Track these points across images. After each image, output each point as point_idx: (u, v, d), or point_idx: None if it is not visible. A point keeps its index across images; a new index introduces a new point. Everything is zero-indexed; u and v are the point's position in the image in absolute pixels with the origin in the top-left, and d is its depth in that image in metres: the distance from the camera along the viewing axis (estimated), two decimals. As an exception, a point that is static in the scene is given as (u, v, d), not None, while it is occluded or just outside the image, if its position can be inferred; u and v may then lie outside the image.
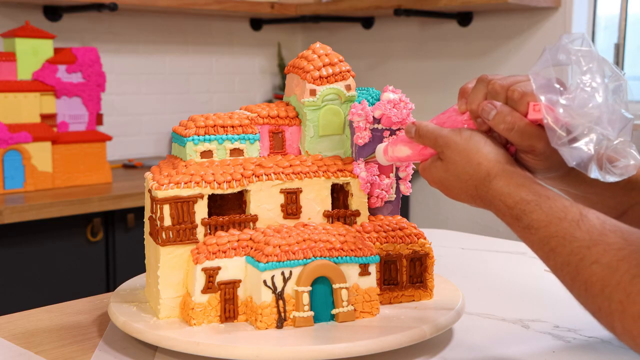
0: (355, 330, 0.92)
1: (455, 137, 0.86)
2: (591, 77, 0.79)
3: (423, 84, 3.26)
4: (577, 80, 0.79)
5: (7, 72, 2.24)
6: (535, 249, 0.78)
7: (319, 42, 1.08)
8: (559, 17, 2.85)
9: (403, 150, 0.94)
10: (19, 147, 2.23)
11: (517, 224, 0.79)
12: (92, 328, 1.01)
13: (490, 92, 0.85)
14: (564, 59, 0.80)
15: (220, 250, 0.94)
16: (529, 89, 0.82)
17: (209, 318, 0.93)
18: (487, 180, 0.82)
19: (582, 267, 0.72)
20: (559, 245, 0.74)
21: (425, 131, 0.89)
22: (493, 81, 0.85)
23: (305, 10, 3.29)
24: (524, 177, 0.81)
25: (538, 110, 0.80)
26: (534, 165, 0.85)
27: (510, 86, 0.83)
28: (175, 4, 2.88)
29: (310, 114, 1.04)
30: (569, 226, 0.74)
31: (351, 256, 0.95)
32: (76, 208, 2.18)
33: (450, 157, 0.86)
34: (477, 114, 0.86)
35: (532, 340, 0.98)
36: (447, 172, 0.87)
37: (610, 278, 0.69)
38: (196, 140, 0.99)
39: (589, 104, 0.77)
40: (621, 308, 0.68)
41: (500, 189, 0.81)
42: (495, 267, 1.37)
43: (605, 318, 0.70)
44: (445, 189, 0.89)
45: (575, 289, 0.73)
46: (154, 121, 3.20)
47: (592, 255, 0.71)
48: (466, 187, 0.85)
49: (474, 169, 0.84)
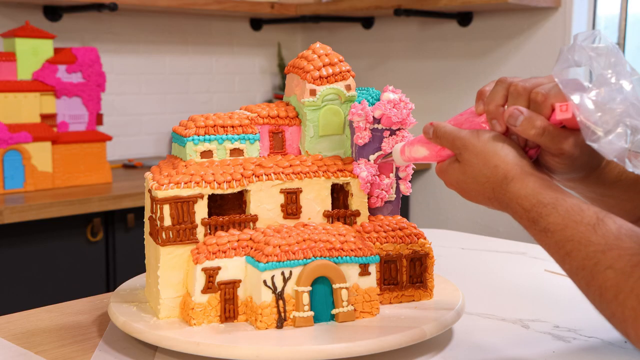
0: (355, 330, 0.92)
1: (473, 139, 0.85)
2: (614, 70, 0.78)
3: (423, 84, 3.26)
4: (602, 75, 0.78)
5: (7, 72, 2.24)
6: (551, 252, 0.77)
7: (319, 42, 1.08)
8: (559, 17, 2.85)
9: (420, 150, 0.94)
10: (19, 147, 2.23)
11: (533, 227, 0.79)
12: (92, 328, 1.01)
13: (512, 94, 0.84)
14: (582, 57, 0.80)
15: (220, 250, 0.94)
16: (551, 90, 0.81)
17: (209, 318, 0.93)
18: (505, 182, 0.82)
19: (596, 271, 0.71)
20: (575, 249, 0.74)
21: (442, 132, 0.88)
22: (514, 84, 0.84)
23: (305, 10, 3.29)
24: (541, 180, 0.81)
25: (566, 110, 0.79)
26: (559, 167, 0.85)
27: (533, 88, 0.83)
28: (175, 4, 2.88)
29: (310, 114, 1.04)
30: (585, 230, 0.74)
31: (351, 256, 0.95)
32: (76, 208, 2.18)
33: (467, 159, 0.85)
34: (494, 116, 0.86)
35: (532, 340, 0.98)
36: (464, 174, 0.86)
37: (624, 284, 0.68)
38: (196, 140, 0.99)
39: (616, 97, 0.77)
40: (634, 315, 0.67)
41: (518, 191, 0.81)
42: (495, 267, 1.37)
43: (619, 324, 0.70)
44: (462, 191, 0.88)
45: (591, 294, 0.72)
46: (154, 121, 3.20)
47: (606, 260, 0.70)
48: (483, 190, 0.85)
49: (492, 172, 0.83)
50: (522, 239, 1.54)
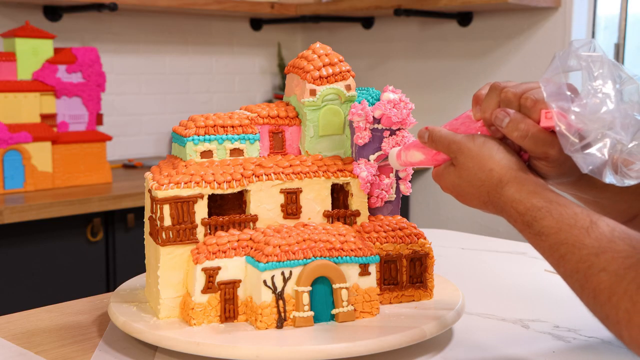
0: (355, 330, 0.92)
1: (468, 143, 0.86)
2: (602, 82, 0.78)
3: (423, 84, 3.26)
4: (588, 86, 0.79)
5: (7, 72, 2.24)
6: (546, 255, 0.78)
7: (319, 42, 1.08)
8: (559, 17, 2.85)
9: (416, 155, 0.94)
10: (19, 147, 2.23)
11: (528, 231, 0.79)
12: (92, 328, 1.01)
13: (503, 100, 0.85)
14: (575, 64, 0.80)
15: (220, 250, 0.94)
16: (541, 96, 0.81)
17: (209, 318, 0.93)
18: (499, 186, 0.82)
19: (590, 274, 0.71)
20: (569, 252, 0.74)
21: (438, 137, 0.89)
22: (506, 89, 0.85)
23: (305, 10, 3.29)
24: (535, 184, 0.81)
25: (550, 117, 0.80)
26: (547, 171, 0.85)
27: (523, 94, 0.83)
28: (175, 4, 2.88)
29: (310, 114, 1.04)
30: (579, 233, 0.74)
31: (351, 256, 0.95)
32: (76, 208, 2.18)
33: (463, 163, 0.86)
34: (491, 122, 0.86)
35: (532, 340, 0.98)
36: (460, 178, 0.87)
37: (617, 286, 0.69)
38: (196, 140, 0.99)
39: (601, 110, 0.77)
40: (627, 317, 0.67)
41: (512, 195, 0.81)
42: (495, 267, 1.37)
43: (613, 326, 0.70)
44: (458, 194, 0.89)
45: (585, 297, 0.73)
46: (154, 121, 3.20)
47: (600, 263, 0.71)
48: (478, 193, 0.85)
49: (487, 175, 0.84)
50: (522, 239, 1.53)
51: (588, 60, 0.79)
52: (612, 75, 0.79)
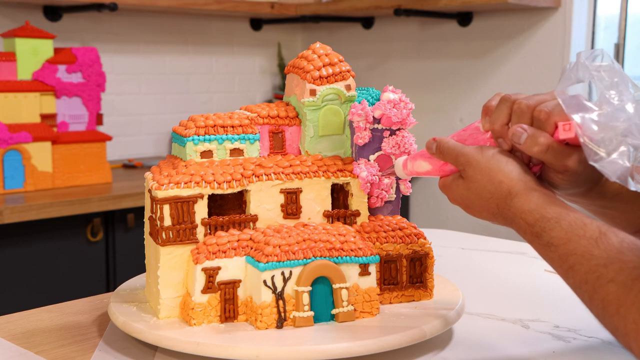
0: (355, 330, 0.92)
1: (477, 156, 0.86)
2: (617, 90, 0.78)
3: (423, 84, 3.26)
4: (606, 94, 0.78)
5: (7, 72, 2.24)
6: (555, 266, 0.78)
7: (319, 42, 1.08)
8: (559, 17, 2.85)
9: (423, 165, 0.94)
10: (19, 147, 2.23)
11: (537, 242, 0.79)
12: (92, 328, 1.01)
13: (515, 112, 0.85)
14: (584, 76, 0.80)
15: (220, 250, 0.94)
16: (554, 108, 0.81)
17: (209, 318, 0.93)
18: (509, 198, 0.82)
19: (599, 285, 0.71)
20: (577, 263, 0.74)
21: (446, 148, 0.89)
22: (518, 101, 0.85)
23: (305, 10, 3.29)
24: (544, 195, 0.81)
25: (569, 129, 0.79)
26: (562, 183, 0.85)
27: (536, 106, 0.83)
28: (175, 4, 2.88)
29: (310, 114, 1.04)
30: (588, 244, 0.74)
31: (351, 256, 0.95)
32: (76, 208, 2.18)
33: (471, 176, 0.86)
34: (500, 135, 0.86)
35: (532, 340, 0.98)
36: (468, 191, 0.87)
37: (625, 297, 0.68)
38: (196, 140, 0.99)
39: (620, 117, 0.77)
40: (636, 328, 0.67)
41: (521, 207, 0.81)
42: (495, 267, 1.37)
43: (622, 337, 0.69)
44: (466, 206, 0.89)
45: (594, 308, 0.73)
46: (154, 121, 3.20)
47: (608, 274, 0.71)
48: (488, 205, 0.85)
49: (496, 187, 0.84)
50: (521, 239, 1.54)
51: (599, 70, 0.79)
52: (625, 83, 0.79)
